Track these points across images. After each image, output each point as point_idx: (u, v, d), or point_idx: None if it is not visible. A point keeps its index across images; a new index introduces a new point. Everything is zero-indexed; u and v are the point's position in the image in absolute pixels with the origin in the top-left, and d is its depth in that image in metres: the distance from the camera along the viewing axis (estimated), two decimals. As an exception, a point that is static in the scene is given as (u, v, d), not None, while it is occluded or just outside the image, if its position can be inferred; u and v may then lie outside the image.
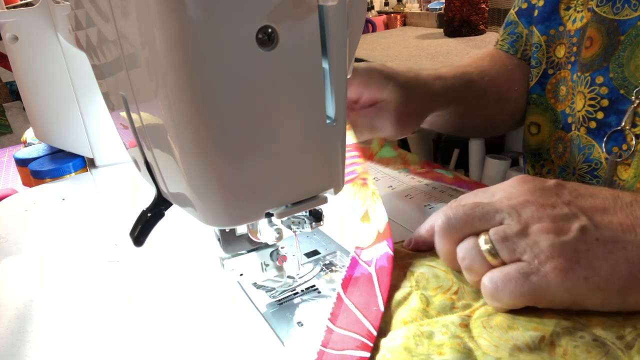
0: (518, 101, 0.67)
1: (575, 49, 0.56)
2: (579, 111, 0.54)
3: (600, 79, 0.51)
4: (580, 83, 0.54)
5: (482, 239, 0.33)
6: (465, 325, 0.32)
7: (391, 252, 0.39)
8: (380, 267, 0.38)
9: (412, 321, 0.33)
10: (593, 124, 0.53)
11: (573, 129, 0.56)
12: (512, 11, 0.67)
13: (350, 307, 0.35)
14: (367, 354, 0.31)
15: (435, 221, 0.37)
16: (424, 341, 0.31)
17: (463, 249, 0.34)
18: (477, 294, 0.35)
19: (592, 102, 0.52)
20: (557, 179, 0.37)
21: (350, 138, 0.53)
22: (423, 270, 0.38)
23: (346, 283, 0.38)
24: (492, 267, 0.33)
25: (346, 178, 0.49)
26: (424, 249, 0.41)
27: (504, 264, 0.33)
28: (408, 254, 0.41)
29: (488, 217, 0.34)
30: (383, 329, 0.34)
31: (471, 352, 0.30)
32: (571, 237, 0.31)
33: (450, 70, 0.62)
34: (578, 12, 0.57)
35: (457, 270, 0.37)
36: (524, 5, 0.65)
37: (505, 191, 0.36)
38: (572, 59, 0.57)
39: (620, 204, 0.33)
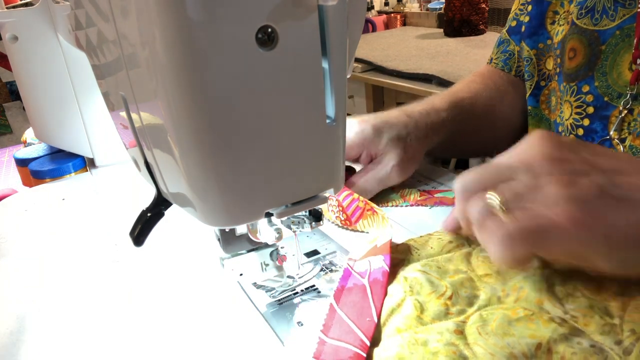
0: (512, 121, 0.68)
1: (559, 60, 0.58)
2: (566, 119, 0.56)
3: (586, 88, 0.53)
4: (566, 92, 0.56)
5: (492, 195, 0.33)
6: (461, 331, 0.32)
7: (387, 268, 0.39)
8: (374, 280, 0.38)
9: (406, 329, 0.33)
10: (580, 131, 0.54)
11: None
12: (503, 30, 0.70)
13: (343, 318, 0.35)
14: None
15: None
16: (419, 349, 0.31)
17: (473, 206, 0.34)
18: (471, 299, 0.35)
19: (579, 110, 0.54)
20: None
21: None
22: (416, 275, 0.38)
23: (339, 294, 0.38)
24: (503, 222, 0.32)
25: (354, 217, 0.50)
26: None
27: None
28: (401, 260, 0.41)
29: (499, 174, 0.34)
30: (376, 339, 0.33)
31: None
32: (584, 191, 0.31)
33: (443, 100, 0.62)
34: (560, 25, 0.59)
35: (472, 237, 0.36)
36: (514, 24, 0.67)
37: (522, 147, 0.36)
38: (558, 70, 0.59)
39: (636, 166, 0.33)
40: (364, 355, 0.32)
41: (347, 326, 0.34)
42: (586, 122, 0.53)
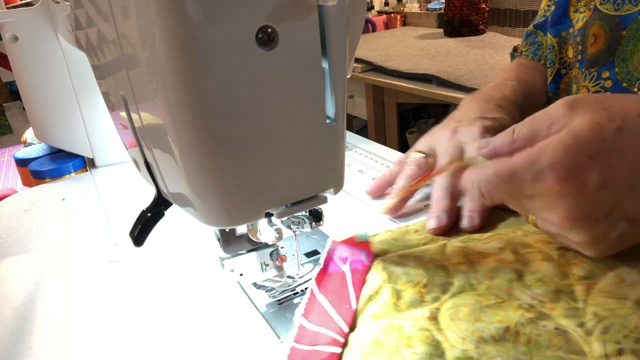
0: (543, 104, 0.70)
1: (580, 47, 0.59)
2: None
3: (606, 74, 0.53)
4: (584, 78, 0.56)
5: None
6: (434, 317, 0.33)
7: (367, 263, 0.40)
8: (355, 269, 0.39)
9: (382, 315, 0.34)
10: None
11: None
12: (531, 25, 0.72)
13: (323, 304, 0.36)
14: (339, 349, 0.32)
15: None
16: (394, 334, 0.32)
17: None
18: (445, 286, 0.36)
19: None
20: None
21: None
22: (393, 268, 0.39)
23: (320, 279, 0.38)
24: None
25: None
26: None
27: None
28: (379, 249, 0.42)
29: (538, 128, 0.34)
30: (353, 325, 0.34)
31: (439, 344, 0.31)
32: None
33: (506, 87, 0.64)
34: (581, 12, 0.59)
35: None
36: (542, 19, 0.69)
37: (561, 121, 0.33)
38: (579, 57, 0.59)
39: None
40: (342, 341, 0.33)
41: (327, 312, 0.35)
42: None
